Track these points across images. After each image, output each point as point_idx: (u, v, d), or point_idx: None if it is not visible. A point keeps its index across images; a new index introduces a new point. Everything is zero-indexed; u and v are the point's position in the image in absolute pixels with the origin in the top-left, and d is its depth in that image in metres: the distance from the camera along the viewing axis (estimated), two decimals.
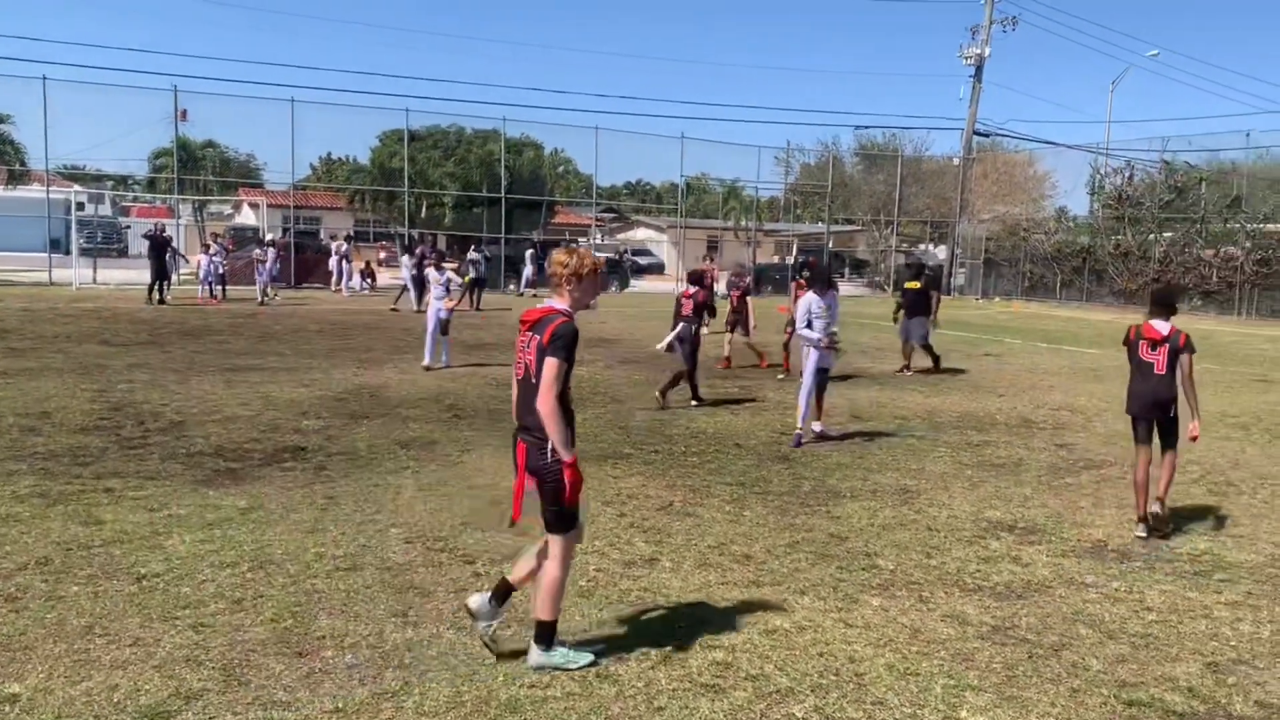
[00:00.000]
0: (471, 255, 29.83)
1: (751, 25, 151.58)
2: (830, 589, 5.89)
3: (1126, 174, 39.24)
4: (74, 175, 41.60)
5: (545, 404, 4.39)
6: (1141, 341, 7.37)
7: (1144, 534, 7.21)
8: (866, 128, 56.11)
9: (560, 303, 4.61)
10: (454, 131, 44.16)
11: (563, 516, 4.54)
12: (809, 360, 10.46)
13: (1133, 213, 37.84)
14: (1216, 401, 14.39)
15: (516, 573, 4.84)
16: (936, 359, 16.69)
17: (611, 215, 63.16)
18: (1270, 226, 34.40)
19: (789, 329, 16.34)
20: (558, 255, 4.67)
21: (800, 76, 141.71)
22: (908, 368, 16.52)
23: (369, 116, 49.34)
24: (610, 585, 5.81)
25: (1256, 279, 33.77)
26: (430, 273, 16.35)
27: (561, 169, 48.59)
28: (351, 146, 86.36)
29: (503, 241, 36.90)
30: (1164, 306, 7.51)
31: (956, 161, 47.36)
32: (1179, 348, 7.18)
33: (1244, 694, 4.70)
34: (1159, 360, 7.24)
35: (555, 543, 4.60)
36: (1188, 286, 35.40)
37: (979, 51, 44.74)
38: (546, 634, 4.64)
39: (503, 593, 4.77)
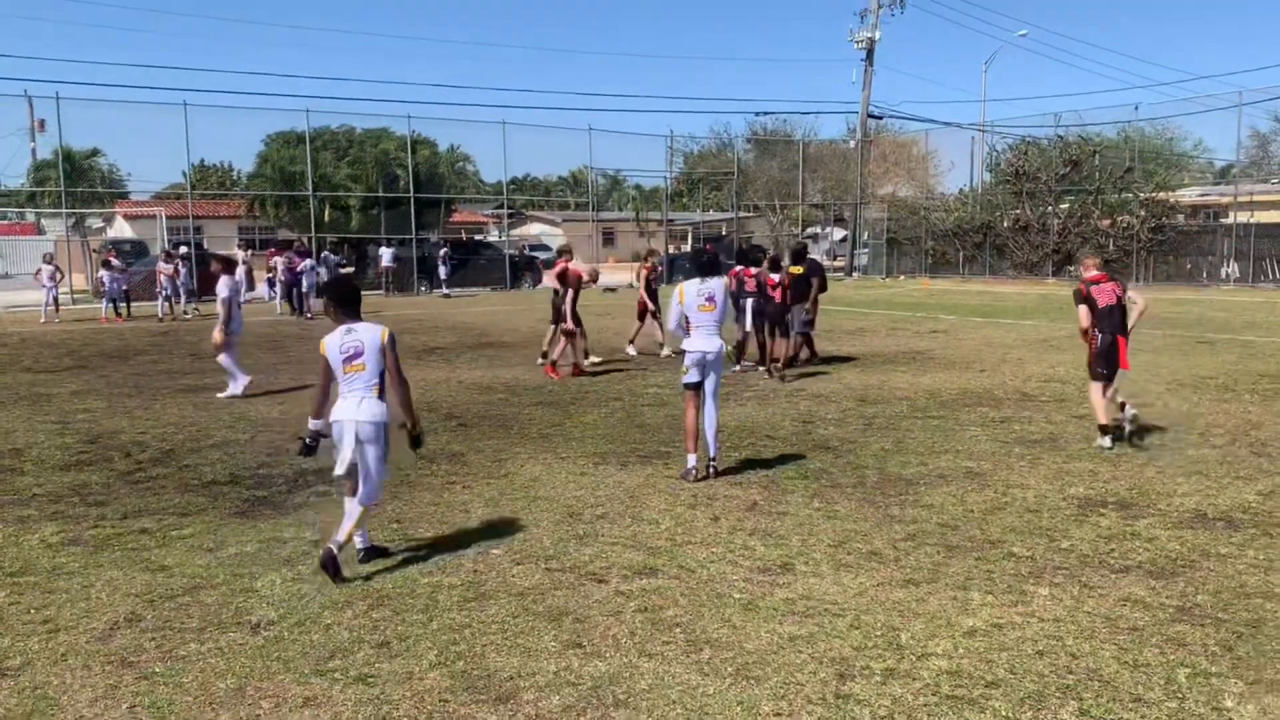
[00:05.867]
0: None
1: (637, 14, 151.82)
2: (988, 581, 5.66)
3: (1022, 150, 40.42)
4: None
5: None
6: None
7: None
8: (766, 114, 56.62)
9: None
10: (344, 132, 42.62)
11: None
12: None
13: (1030, 187, 39.03)
14: (1184, 363, 14.78)
15: None
16: (814, 350, 15.59)
17: (508, 211, 62.15)
18: (1161, 195, 35.89)
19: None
20: None
21: (690, 65, 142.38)
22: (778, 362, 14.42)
23: (258, 118, 47.28)
24: (767, 595, 5.45)
25: (1152, 245, 35.21)
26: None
27: (459, 165, 47.38)
28: (228, 152, 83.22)
29: (413, 242, 35.85)
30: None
31: (853, 144, 48.09)
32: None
33: None
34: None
35: None
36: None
37: (869, 35, 45.54)
38: None
39: None
